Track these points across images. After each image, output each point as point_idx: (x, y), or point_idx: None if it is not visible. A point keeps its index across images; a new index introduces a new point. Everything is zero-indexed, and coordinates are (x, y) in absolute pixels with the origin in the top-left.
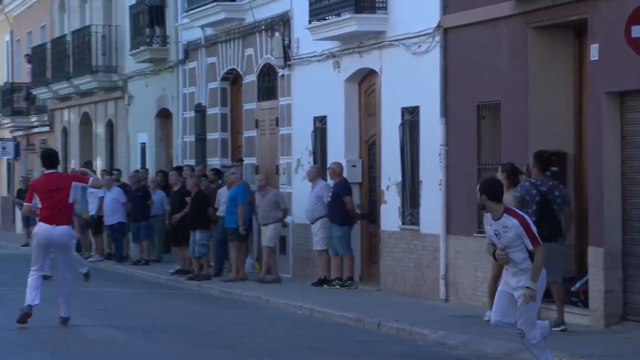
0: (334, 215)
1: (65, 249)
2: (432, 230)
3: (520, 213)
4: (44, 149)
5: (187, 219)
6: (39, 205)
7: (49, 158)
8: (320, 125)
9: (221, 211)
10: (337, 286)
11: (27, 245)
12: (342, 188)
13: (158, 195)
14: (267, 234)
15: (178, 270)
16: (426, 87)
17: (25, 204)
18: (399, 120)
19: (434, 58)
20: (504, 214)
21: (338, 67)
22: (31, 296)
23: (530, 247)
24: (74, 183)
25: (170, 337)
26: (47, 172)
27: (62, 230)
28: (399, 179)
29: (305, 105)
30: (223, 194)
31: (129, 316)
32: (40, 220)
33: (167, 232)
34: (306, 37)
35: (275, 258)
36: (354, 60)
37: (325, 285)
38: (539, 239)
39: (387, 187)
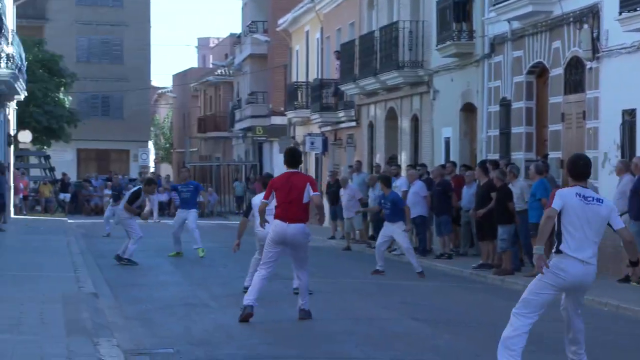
0: (631, 210)
1: (298, 247)
2: None
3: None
4: (288, 147)
5: (493, 214)
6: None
7: (292, 157)
8: (629, 119)
9: (517, 207)
10: None
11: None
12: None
13: (473, 189)
14: None
15: (481, 264)
16: None
17: (262, 200)
18: None
19: None
20: None
21: None
22: (252, 296)
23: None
24: (308, 183)
25: (473, 331)
26: (288, 170)
27: (295, 228)
28: None
29: (613, 98)
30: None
31: (431, 309)
32: (275, 217)
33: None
34: (616, 29)
35: None
36: None
37: (631, 282)
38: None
39: None
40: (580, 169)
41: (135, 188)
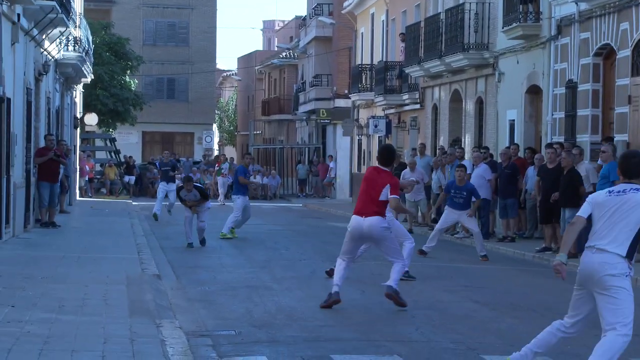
0: None
1: (377, 240)
2: None
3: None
4: (384, 145)
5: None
6: None
7: (385, 156)
8: None
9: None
10: None
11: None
12: None
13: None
14: None
15: (545, 247)
16: None
17: None
18: None
19: None
20: None
21: None
22: (338, 280)
23: None
24: (388, 185)
25: (536, 315)
26: (377, 166)
27: (371, 220)
28: None
29: None
30: None
31: (493, 293)
32: (354, 213)
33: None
34: None
35: None
36: None
37: None
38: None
39: None
40: (631, 167)
41: (179, 185)
